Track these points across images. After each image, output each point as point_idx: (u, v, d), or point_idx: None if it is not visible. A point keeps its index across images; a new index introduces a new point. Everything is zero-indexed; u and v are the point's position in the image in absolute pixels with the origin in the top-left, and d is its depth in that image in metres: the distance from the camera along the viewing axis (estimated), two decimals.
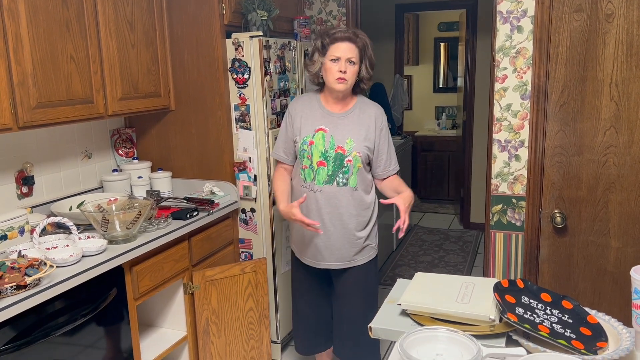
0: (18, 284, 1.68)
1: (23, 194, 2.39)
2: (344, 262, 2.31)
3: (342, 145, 2.21)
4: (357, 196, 2.26)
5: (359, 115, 2.26)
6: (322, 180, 2.23)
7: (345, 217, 2.26)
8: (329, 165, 2.22)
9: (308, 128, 2.27)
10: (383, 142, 2.28)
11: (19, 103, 1.96)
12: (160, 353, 2.39)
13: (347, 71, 2.17)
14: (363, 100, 2.33)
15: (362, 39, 2.21)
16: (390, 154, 2.32)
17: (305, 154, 2.25)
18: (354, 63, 2.18)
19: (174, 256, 2.40)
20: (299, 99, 2.38)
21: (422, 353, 1.21)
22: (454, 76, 6.82)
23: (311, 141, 2.24)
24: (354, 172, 2.23)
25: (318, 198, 2.25)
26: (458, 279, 1.53)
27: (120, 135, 2.93)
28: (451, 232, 5.42)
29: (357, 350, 2.41)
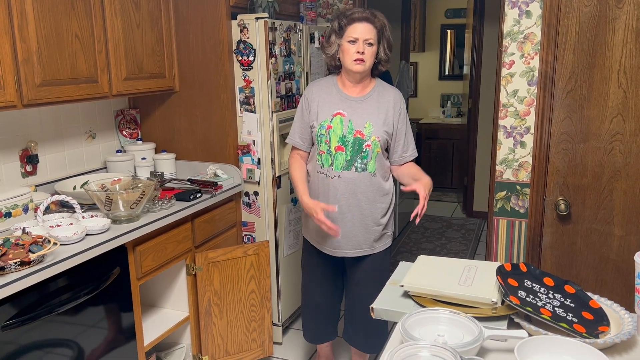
0: (22, 260, 1.69)
1: (27, 172, 2.39)
2: (361, 250, 2.29)
3: (361, 130, 2.17)
4: (375, 182, 2.22)
5: (378, 99, 2.22)
6: (340, 165, 2.19)
7: (363, 204, 2.22)
8: (347, 150, 2.18)
9: (325, 112, 2.23)
10: (401, 126, 2.25)
11: (24, 80, 1.96)
12: (162, 333, 2.41)
13: (365, 52, 2.12)
14: (382, 84, 2.29)
15: (380, 19, 2.17)
16: (407, 139, 2.28)
17: (323, 139, 2.21)
18: (372, 44, 2.14)
19: (177, 237, 2.41)
20: (315, 83, 2.33)
21: (424, 334, 1.21)
22: (460, 64, 6.77)
23: (329, 125, 2.20)
24: (373, 157, 2.18)
25: (336, 184, 2.21)
26: (460, 262, 1.53)
27: (125, 116, 2.92)
28: (454, 220, 5.42)
29: (369, 337, 2.42)
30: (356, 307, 2.39)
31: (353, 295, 2.40)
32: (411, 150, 2.30)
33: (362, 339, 2.44)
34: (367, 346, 2.46)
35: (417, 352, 1.07)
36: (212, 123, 2.86)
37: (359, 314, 2.39)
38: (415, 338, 1.14)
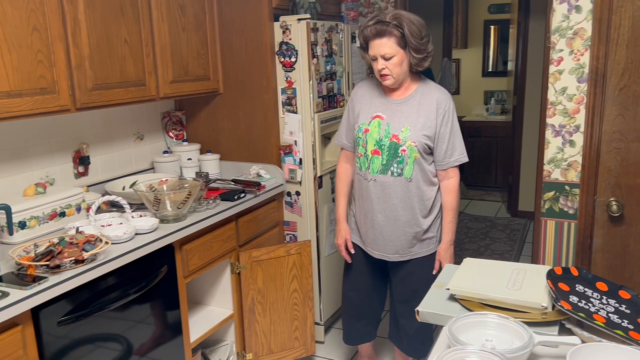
0: (76, 258, 1.75)
1: (79, 173, 2.48)
2: (398, 255, 2.25)
3: (397, 134, 2.12)
4: (412, 188, 2.16)
5: (420, 101, 2.14)
6: (376, 169, 2.17)
7: (399, 209, 2.18)
8: (383, 154, 2.14)
9: (365, 115, 2.20)
10: (444, 130, 2.12)
11: (77, 85, 2.03)
12: (207, 330, 2.46)
13: (386, 67, 2.07)
14: (426, 85, 2.18)
15: (399, 25, 2.01)
16: (452, 143, 2.15)
17: (361, 142, 2.20)
18: (392, 56, 2.05)
19: (222, 236, 2.45)
20: (362, 84, 2.31)
21: (471, 338, 1.20)
22: (503, 60, 6.62)
23: (366, 129, 2.18)
24: (409, 162, 2.12)
25: (371, 188, 2.19)
26: (508, 265, 1.50)
27: (171, 118, 2.99)
28: (498, 220, 5.30)
29: (412, 340, 2.40)
30: (398, 309, 2.38)
31: (396, 297, 2.38)
32: (457, 155, 2.17)
33: (405, 341, 2.41)
34: (411, 350, 2.43)
35: (466, 356, 1.06)
36: (255, 124, 2.90)
37: (401, 318, 2.37)
38: (463, 342, 1.13)
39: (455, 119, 2.18)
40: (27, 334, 1.61)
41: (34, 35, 1.86)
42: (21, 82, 1.83)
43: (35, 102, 1.88)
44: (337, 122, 3.05)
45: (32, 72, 1.86)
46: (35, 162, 2.27)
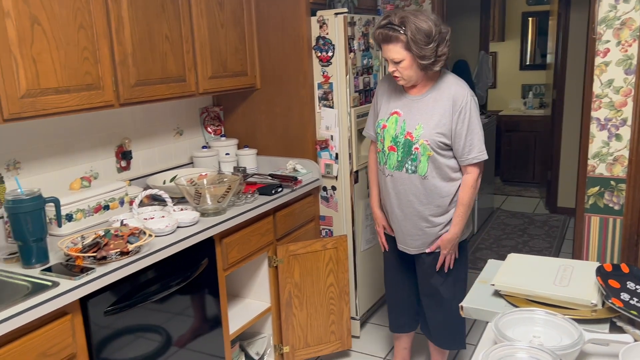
0: (122, 250, 1.80)
1: (122, 167, 2.54)
2: (418, 250, 2.26)
3: (412, 132, 2.11)
4: (427, 184, 2.14)
5: (435, 98, 2.11)
6: (392, 165, 2.18)
7: (416, 205, 2.18)
8: (399, 150, 2.15)
9: (385, 110, 2.22)
10: (461, 127, 2.07)
11: (120, 81, 2.08)
12: (245, 322, 2.49)
13: (396, 69, 2.08)
14: (444, 80, 2.14)
15: (400, 32, 1.98)
16: (469, 140, 2.08)
17: (379, 137, 2.22)
18: (401, 60, 2.03)
19: (260, 230, 2.48)
20: (384, 79, 2.32)
21: (518, 334, 1.18)
22: (542, 53, 6.46)
23: (384, 125, 2.19)
24: (423, 160, 2.11)
25: (389, 183, 2.22)
26: (555, 261, 1.47)
27: (209, 114, 3.03)
28: (536, 217, 5.20)
29: (440, 331, 2.39)
30: (423, 302, 2.40)
31: (420, 290, 2.40)
32: (475, 152, 2.09)
33: (433, 333, 2.43)
34: (439, 341, 2.44)
35: (514, 352, 1.04)
36: (292, 119, 2.91)
37: (427, 310, 2.39)
38: (510, 338, 1.11)
39: (475, 115, 2.09)
40: (76, 322, 1.66)
41: (80, 32, 1.91)
42: (68, 79, 1.88)
43: (81, 98, 1.93)
44: None
45: (78, 68, 1.91)
46: (80, 157, 2.34)
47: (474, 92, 4.73)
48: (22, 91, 1.73)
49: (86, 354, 1.71)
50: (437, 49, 2.01)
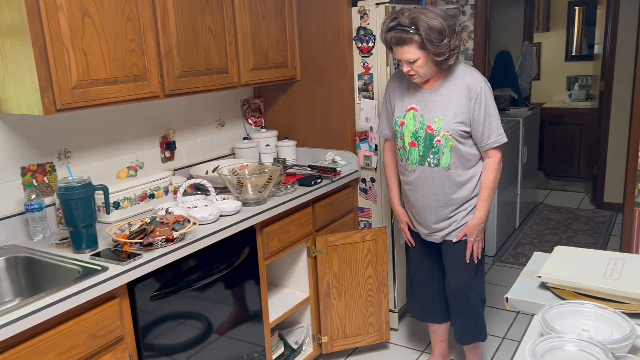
0: (167, 237, 1.84)
1: (166, 157, 2.60)
2: (443, 237, 2.32)
3: (431, 125, 2.14)
4: (451, 175, 2.19)
5: (449, 89, 2.13)
6: (415, 160, 2.22)
7: (441, 197, 2.23)
8: (420, 145, 2.18)
9: (400, 108, 2.24)
10: (478, 113, 2.10)
11: (165, 72, 2.12)
12: (285, 312, 2.51)
13: (411, 68, 2.08)
14: (456, 71, 2.15)
15: (412, 34, 1.99)
16: (487, 125, 2.11)
17: (398, 135, 2.25)
18: (417, 59, 2.04)
19: (299, 220, 2.49)
20: (395, 76, 2.35)
21: (566, 327, 1.15)
22: (589, 43, 6.24)
23: (402, 122, 2.22)
24: (446, 151, 2.14)
25: (413, 178, 2.26)
26: (605, 254, 1.43)
27: (250, 105, 3.07)
28: (581, 212, 5.05)
29: (462, 322, 2.40)
30: (447, 292, 2.40)
31: (446, 279, 2.40)
32: (495, 136, 2.13)
33: (455, 322, 2.44)
34: (459, 334, 2.44)
35: (563, 345, 1.02)
36: (331, 110, 2.91)
37: (450, 299, 2.39)
38: (558, 331, 1.09)
39: (490, 100, 2.13)
40: (123, 306, 1.71)
41: (127, 25, 1.96)
42: (116, 70, 1.93)
43: (128, 89, 1.99)
44: None
45: (125, 60, 1.96)
46: (126, 147, 2.40)
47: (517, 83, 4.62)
48: (73, 82, 1.79)
49: (133, 337, 1.76)
50: (450, 43, 2.02)
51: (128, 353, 1.73)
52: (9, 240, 1.96)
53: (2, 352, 1.38)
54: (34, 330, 1.45)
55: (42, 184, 2.07)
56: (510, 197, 4.43)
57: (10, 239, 1.96)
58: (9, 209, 1.98)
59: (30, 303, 1.47)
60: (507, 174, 4.22)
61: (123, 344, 1.72)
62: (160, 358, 1.87)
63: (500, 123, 2.15)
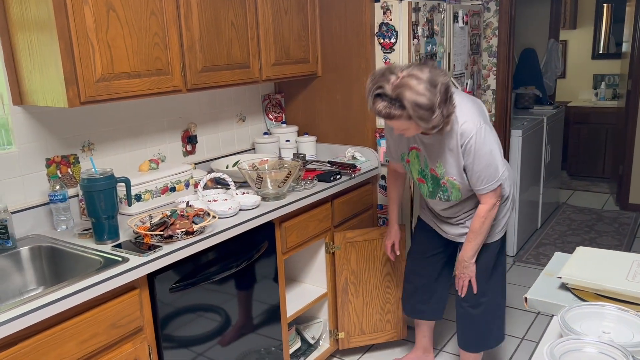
0: (187, 230, 1.86)
1: (187, 151, 2.62)
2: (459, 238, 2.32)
3: (434, 169, 2.11)
4: (467, 202, 2.22)
5: (444, 136, 1.99)
6: (426, 194, 2.25)
7: (461, 214, 2.26)
8: (428, 183, 2.19)
9: (404, 144, 2.19)
10: (468, 161, 2.01)
11: (188, 67, 2.14)
12: (302, 306, 2.52)
13: (404, 133, 1.96)
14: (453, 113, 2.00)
15: (399, 111, 1.78)
16: (477, 173, 2.01)
17: (407, 168, 2.26)
18: (407, 128, 1.89)
19: (318, 216, 2.50)
20: None
21: (586, 329, 1.13)
22: (617, 41, 6.11)
23: (407, 159, 2.21)
24: (454, 190, 2.13)
25: (429, 202, 2.33)
26: (628, 256, 1.40)
27: (271, 101, 3.08)
28: (605, 213, 4.95)
29: (467, 329, 2.37)
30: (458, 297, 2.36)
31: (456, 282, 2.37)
32: (484, 184, 2.03)
33: (460, 330, 2.41)
34: (462, 341, 2.42)
35: (582, 347, 1.00)
36: (352, 106, 2.90)
37: (458, 303, 2.36)
38: (577, 332, 1.07)
39: (481, 147, 1.96)
40: (143, 297, 1.74)
41: (151, 19, 1.98)
42: (139, 64, 1.96)
43: (151, 83, 2.01)
44: None
45: (149, 54, 1.98)
46: (148, 140, 2.43)
47: (541, 81, 4.50)
48: (97, 75, 1.82)
49: (152, 328, 1.79)
50: (442, 113, 1.80)
51: (147, 343, 1.76)
52: (34, 230, 2.00)
53: (26, 338, 1.42)
54: (56, 318, 1.48)
55: (66, 176, 2.11)
56: (533, 197, 4.37)
57: (34, 228, 2.00)
58: (34, 200, 2.02)
59: (53, 292, 1.50)
60: (529, 173, 4.17)
61: (142, 334, 1.75)
62: (178, 349, 1.89)
63: (495, 167, 2.01)
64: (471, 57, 3.36)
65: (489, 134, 2.00)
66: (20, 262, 1.86)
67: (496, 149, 2.01)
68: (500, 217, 2.24)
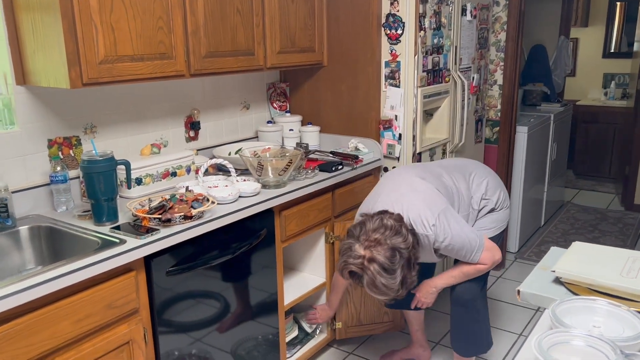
0: (185, 214, 1.87)
1: (190, 137, 2.63)
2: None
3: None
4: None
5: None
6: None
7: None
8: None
9: None
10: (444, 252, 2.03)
11: (192, 51, 2.14)
12: (300, 295, 2.53)
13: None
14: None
15: (362, 284, 1.82)
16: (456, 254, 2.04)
17: None
18: None
19: (318, 206, 2.50)
20: None
21: (576, 323, 1.13)
22: (629, 40, 6.04)
23: None
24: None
25: None
26: (623, 252, 1.39)
27: (276, 89, 3.07)
28: (609, 213, 4.92)
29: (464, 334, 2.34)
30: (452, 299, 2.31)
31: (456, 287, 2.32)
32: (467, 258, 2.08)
33: (455, 335, 2.38)
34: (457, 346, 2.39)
35: (570, 339, 1.00)
36: (357, 97, 2.89)
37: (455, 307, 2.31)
38: (567, 325, 1.07)
39: (450, 239, 1.97)
40: (139, 279, 1.75)
41: (156, 2, 1.97)
42: (143, 47, 1.96)
43: (155, 67, 2.01)
44: (441, 97, 2.97)
45: (153, 37, 1.98)
46: (151, 125, 2.44)
47: (550, 79, 4.45)
48: (100, 57, 1.82)
49: (148, 311, 1.80)
50: (408, 285, 1.82)
51: (142, 325, 1.77)
52: (34, 210, 2.01)
53: (22, 315, 1.43)
54: (52, 296, 1.49)
55: (68, 157, 2.12)
56: (537, 194, 4.35)
57: (34, 208, 2.02)
58: (35, 180, 2.03)
59: (50, 270, 1.52)
60: (534, 171, 4.14)
61: (138, 316, 1.76)
62: (174, 334, 1.91)
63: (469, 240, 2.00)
64: (478, 51, 3.33)
65: (443, 216, 1.96)
66: (20, 241, 1.87)
67: (456, 224, 1.98)
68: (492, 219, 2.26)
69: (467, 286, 2.21)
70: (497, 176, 2.37)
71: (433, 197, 2.01)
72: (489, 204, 2.24)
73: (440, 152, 3.07)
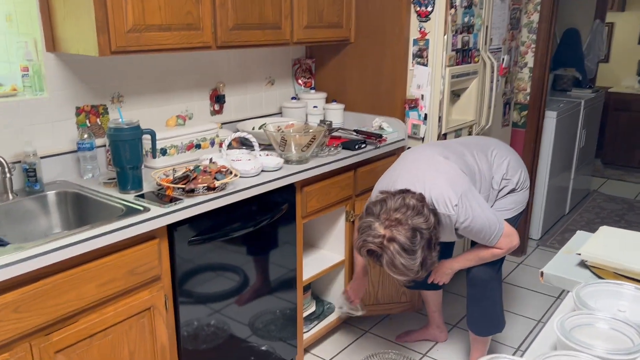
0: (209, 185, 1.88)
1: (215, 110, 2.63)
2: None
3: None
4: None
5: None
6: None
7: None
8: None
9: None
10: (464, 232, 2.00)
11: (219, 23, 2.13)
12: (319, 271, 2.54)
13: None
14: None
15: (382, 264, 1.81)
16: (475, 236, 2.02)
17: None
18: None
19: (340, 184, 2.49)
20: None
21: (601, 306, 1.11)
22: None
23: None
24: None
25: None
26: None
27: (301, 65, 3.05)
28: (637, 203, 4.81)
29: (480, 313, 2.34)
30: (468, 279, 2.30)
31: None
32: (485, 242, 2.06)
33: (471, 315, 2.37)
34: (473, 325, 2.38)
35: (594, 322, 0.98)
36: (383, 75, 2.85)
37: (471, 288, 2.30)
38: (591, 308, 1.05)
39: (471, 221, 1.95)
40: (162, 247, 1.77)
41: None
42: (170, 17, 1.95)
43: (181, 37, 2.01)
44: (469, 78, 2.91)
45: (181, 7, 1.98)
46: (177, 96, 2.45)
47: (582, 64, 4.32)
48: (128, 25, 1.83)
49: (169, 279, 1.83)
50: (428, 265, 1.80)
51: (164, 292, 1.80)
52: (61, 176, 2.05)
53: (48, 275, 1.47)
54: (78, 259, 1.53)
55: (95, 125, 2.15)
56: (563, 182, 4.27)
57: (62, 175, 2.05)
58: (63, 147, 2.06)
59: (75, 234, 1.54)
60: (561, 157, 4.06)
61: (160, 283, 1.79)
62: (194, 305, 1.93)
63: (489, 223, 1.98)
64: (510, 32, 3.25)
65: (465, 197, 1.93)
66: (47, 206, 1.91)
67: (478, 206, 1.95)
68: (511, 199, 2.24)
69: (483, 268, 2.19)
70: (518, 156, 2.33)
71: (456, 177, 1.98)
72: (509, 184, 2.21)
73: (467, 134, 3.03)
